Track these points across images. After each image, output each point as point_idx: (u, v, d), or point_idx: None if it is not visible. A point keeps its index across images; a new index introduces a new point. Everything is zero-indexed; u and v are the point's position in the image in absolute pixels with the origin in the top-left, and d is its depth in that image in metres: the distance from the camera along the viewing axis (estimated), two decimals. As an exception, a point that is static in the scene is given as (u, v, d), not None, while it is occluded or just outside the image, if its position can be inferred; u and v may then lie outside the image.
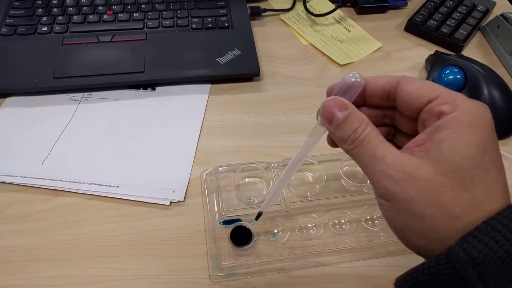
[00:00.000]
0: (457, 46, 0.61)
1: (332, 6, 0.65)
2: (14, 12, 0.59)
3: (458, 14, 0.63)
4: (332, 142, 0.29)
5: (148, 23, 0.59)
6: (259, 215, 0.38)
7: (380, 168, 0.24)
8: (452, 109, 0.24)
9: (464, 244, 0.21)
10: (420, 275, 0.23)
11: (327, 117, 0.26)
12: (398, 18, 0.67)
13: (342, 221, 0.42)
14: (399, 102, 0.27)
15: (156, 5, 0.62)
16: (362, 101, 0.29)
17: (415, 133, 0.26)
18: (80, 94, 0.52)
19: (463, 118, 0.23)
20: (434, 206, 0.23)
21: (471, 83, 0.51)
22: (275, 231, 0.41)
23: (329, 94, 0.28)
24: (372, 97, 0.29)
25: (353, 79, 0.27)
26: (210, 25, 0.60)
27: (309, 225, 0.41)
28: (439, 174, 0.23)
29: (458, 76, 0.52)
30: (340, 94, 0.27)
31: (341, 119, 0.26)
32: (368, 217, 0.42)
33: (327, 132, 0.29)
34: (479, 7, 0.65)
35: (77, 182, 0.43)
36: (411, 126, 0.28)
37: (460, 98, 0.24)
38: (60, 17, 0.59)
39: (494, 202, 0.23)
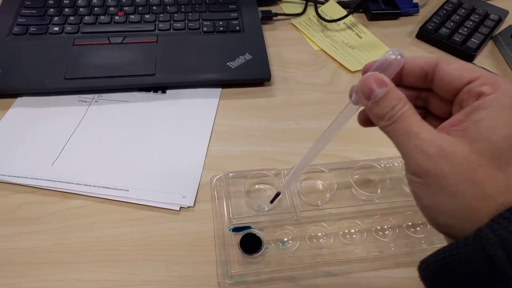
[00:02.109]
0: (469, 55, 0.60)
1: (344, 12, 0.65)
2: (26, 11, 0.59)
3: (471, 23, 0.63)
4: (364, 121, 0.30)
5: (159, 25, 0.59)
6: (276, 195, 0.38)
7: (415, 143, 0.24)
8: (493, 91, 0.24)
9: (494, 225, 0.21)
10: (447, 255, 0.23)
11: (365, 93, 0.26)
12: (409, 25, 0.66)
13: (352, 230, 0.42)
14: (437, 82, 0.27)
15: (168, 7, 0.62)
16: (398, 80, 0.29)
17: (447, 117, 0.26)
18: (91, 96, 0.52)
19: (504, 99, 0.23)
20: (467, 184, 0.22)
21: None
22: (285, 239, 0.41)
23: (365, 71, 0.28)
24: (409, 77, 0.28)
25: (393, 56, 0.27)
26: (221, 28, 0.59)
27: (319, 234, 0.41)
28: (475, 153, 0.23)
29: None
30: (379, 71, 0.27)
31: (380, 96, 0.26)
32: (379, 227, 0.42)
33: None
34: (492, 16, 0.64)
35: (86, 185, 0.43)
36: (444, 108, 0.28)
37: (502, 80, 0.24)
38: (71, 18, 0.59)
39: None
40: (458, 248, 0.22)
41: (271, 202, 0.39)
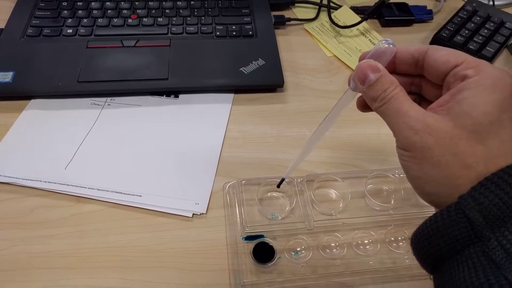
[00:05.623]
0: (484, 63, 0.59)
1: (357, 18, 0.64)
2: (40, 13, 0.59)
3: (486, 31, 0.62)
4: (361, 106, 0.33)
5: (172, 28, 0.59)
6: (282, 181, 0.41)
7: (404, 120, 0.26)
8: (476, 73, 0.26)
9: (473, 192, 0.23)
10: (433, 223, 0.25)
11: (360, 78, 0.29)
12: (423, 32, 0.66)
13: (366, 241, 0.41)
14: (427, 68, 0.29)
15: (181, 10, 0.62)
16: (392, 68, 0.31)
17: None
18: (103, 99, 0.52)
19: (485, 80, 0.25)
20: (450, 155, 0.25)
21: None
22: (298, 249, 0.40)
23: (361, 59, 0.30)
24: (402, 64, 0.31)
25: (386, 45, 0.29)
26: (234, 33, 0.59)
27: (333, 244, 0.41)
28: (457, 127, 0.25)
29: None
30: (373, 59, 0.29)
31: (373, 80, 0.28)
32: (393, 239, 0.41)
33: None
34: (507, 24, 0.64)
35: (99, 190, 0.43)
36: (436, 93, 0.30)
37: (484, 64, 0.26)
38: (85, 20, 0.59)
39: (508, 157, 0.24)
40: (442, 215, 0.24)
41: (278, 186, 0.42)
